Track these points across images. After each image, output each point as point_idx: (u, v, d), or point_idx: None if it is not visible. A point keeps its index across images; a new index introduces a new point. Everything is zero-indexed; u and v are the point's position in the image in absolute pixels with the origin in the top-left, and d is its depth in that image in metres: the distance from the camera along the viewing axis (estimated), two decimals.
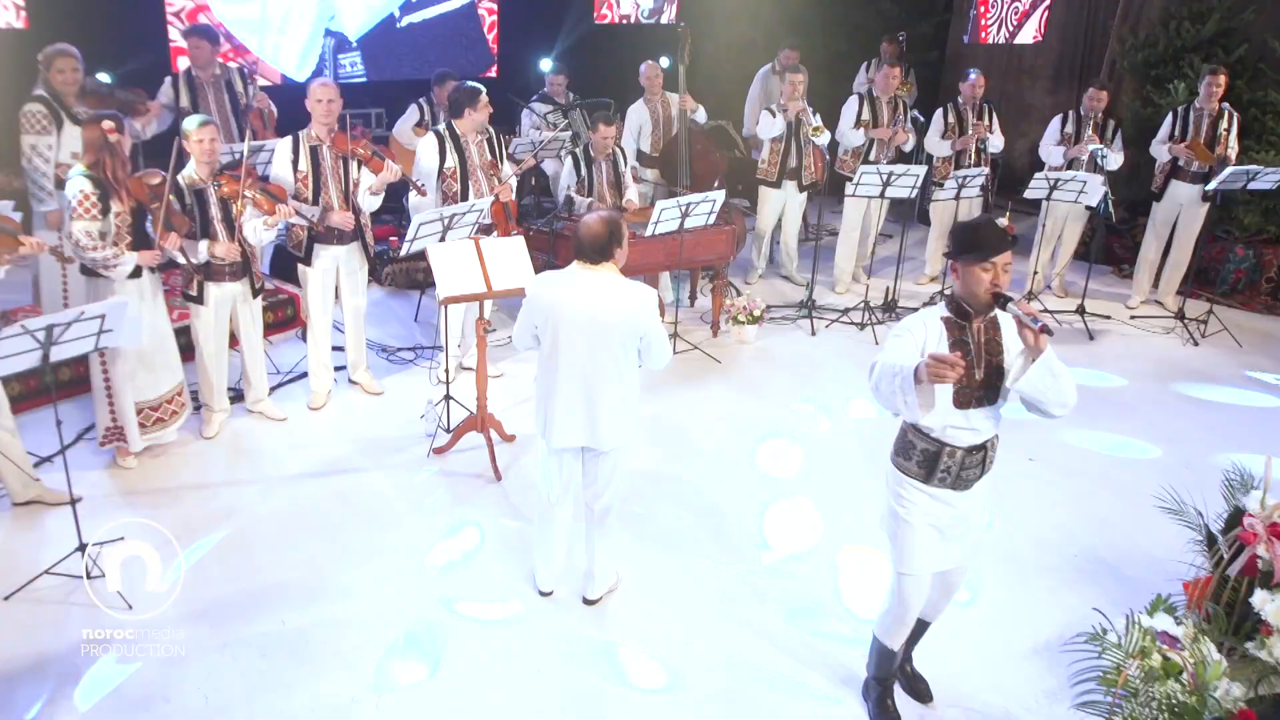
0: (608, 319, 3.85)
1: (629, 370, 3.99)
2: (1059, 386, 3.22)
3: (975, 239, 3.26)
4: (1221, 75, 7.43)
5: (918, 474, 3.43)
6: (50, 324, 3.91)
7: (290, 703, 3.77)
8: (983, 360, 3.34)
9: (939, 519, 3.47)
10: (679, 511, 5.13)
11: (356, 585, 4.45)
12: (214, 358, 5.48)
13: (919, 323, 3.35)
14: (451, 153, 5.85)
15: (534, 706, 3.82)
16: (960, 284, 3.31)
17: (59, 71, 5.73)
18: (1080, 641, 3.31)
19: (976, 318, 3.33)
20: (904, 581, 3.57)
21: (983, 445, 3.42)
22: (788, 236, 8.29)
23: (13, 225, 4.39)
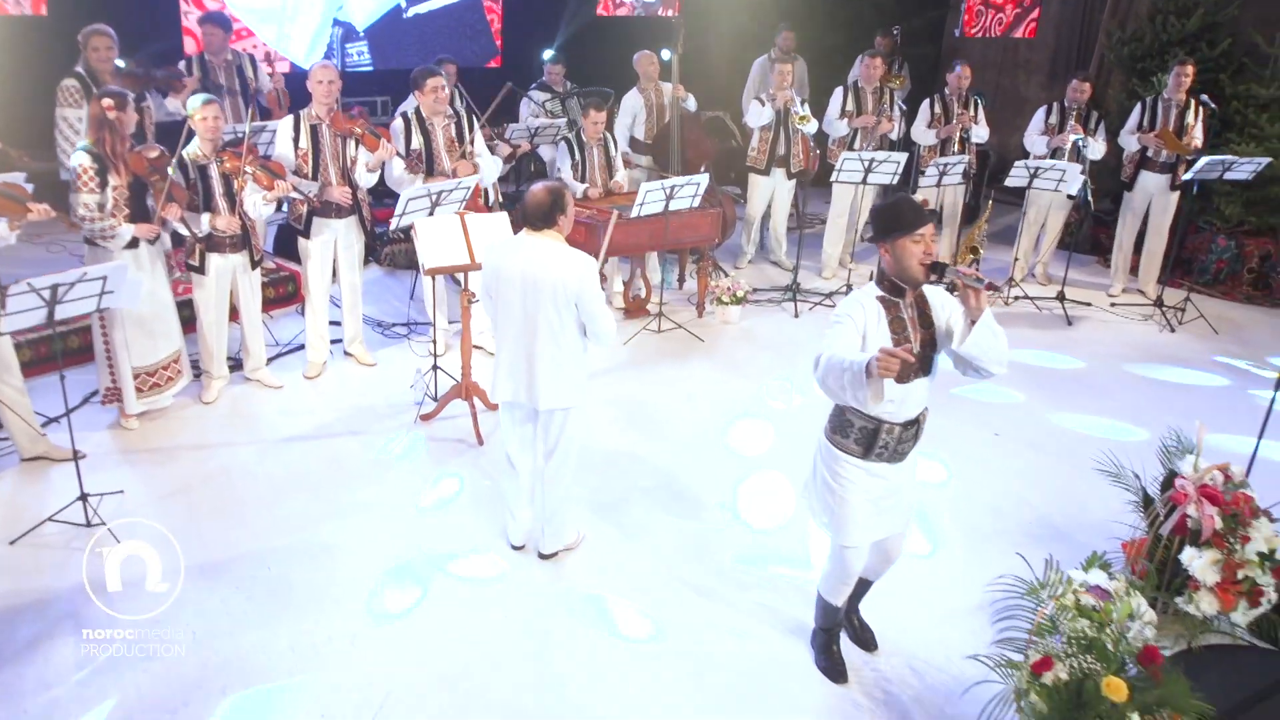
0: (541, 282, 4.06)
1: (567, 335, 4.18)
2: (998, 345, 3.40)
3: (899, 217, 3.43)
4: (1189, 66, 7.61)
5: (855, 450, 3.59)
6: (55, 283, 4.19)
7: (273, 640, 4.03)
8: (917, 333, 3.52)
9: (874, 491, 3.64)
10: (650, 478, 5.38)
11: (340, 537, 4.72)
12: (214, 326, 5.77)
13: (857, 305, 3.49)
14: (417, 134, 6.12)
15: (499, 650, 4.07)
16: (891, 263, 3.46)
17: (94, 50, 6.13)
18: (1004, 582, 3.53)
19: (909, 294, 3.53)
20: (845, 554, 3.76)
21: (916, 419, 3.62)
22: (776, 223, 8.52)
23: (21, 193, 4.68)
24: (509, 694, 3.83)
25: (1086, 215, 9.60)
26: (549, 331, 4.15)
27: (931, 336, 3.53)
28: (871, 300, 3.49)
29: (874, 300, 3.49)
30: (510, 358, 4.23)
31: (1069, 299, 8.05)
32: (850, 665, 4.03)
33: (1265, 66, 8.39)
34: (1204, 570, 4.07)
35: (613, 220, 5.90)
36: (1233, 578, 4.06)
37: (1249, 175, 7.42)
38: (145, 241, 5.26)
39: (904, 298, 3.50)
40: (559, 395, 4.28)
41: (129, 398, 5.45)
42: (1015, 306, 8.08)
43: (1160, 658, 3.25)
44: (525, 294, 4.10)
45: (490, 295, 4.23)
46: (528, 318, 4.14)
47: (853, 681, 3.97)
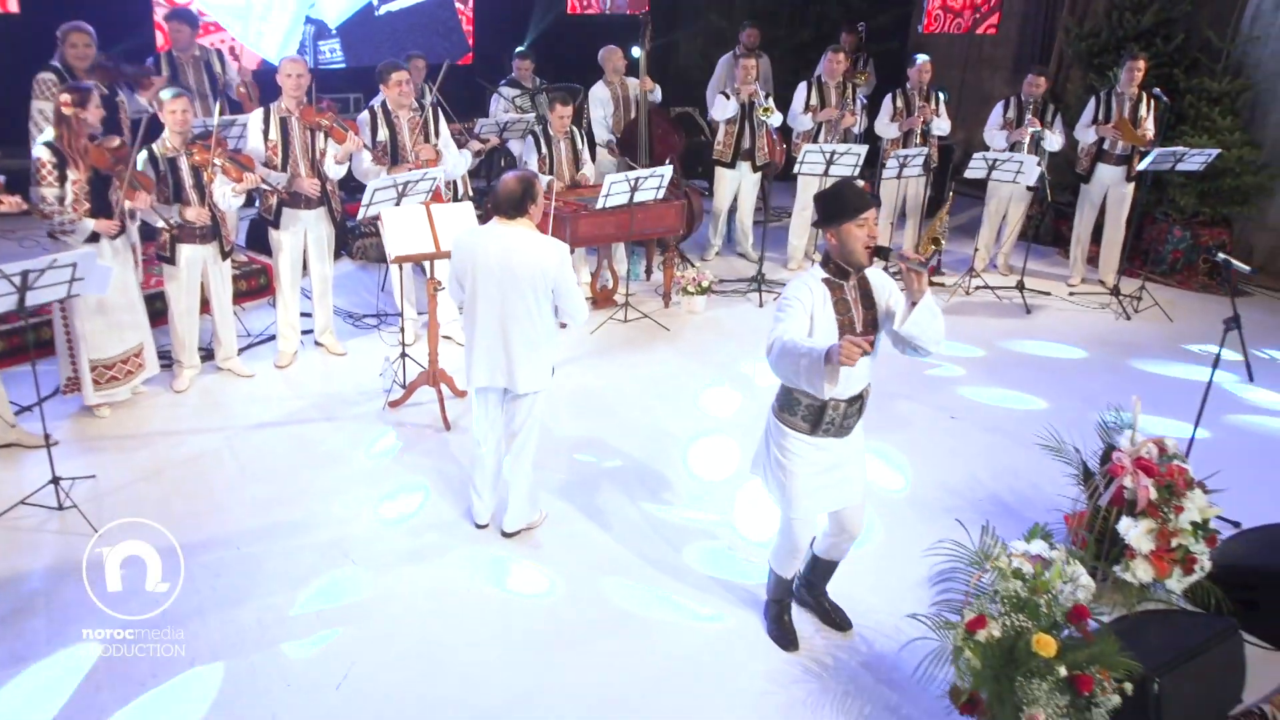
0: (519, 269, 4.21)
1: (542, 319, 4.34)
2: (935, 324, 3.58)
3: (843, 202, 3.58)
4: (1141, 60, 7.81)
5: (803, 427, 3.74)
6: (25, 269, 4.28)
7: (239, 613, 4.15)
8: (860, 313, 3.67)
9: (821, 464, 3.78)
10: (612, 459, 5.52)
11: (308, 518, 4.83)
12: (185, 315, 5.86)
13: (804, 288, 3.63)
14: (383, 126, 6.25)
15: (461, 624, 4.20)
16: (836, 247, 3.62)
17: (72, 46, 6.21)
18: (943, 548, 3.69)
19: (853, 276, 3.67)
20: (793, 525, 3.90)
21: (860, 394, 3.76)
22: (743, 215, 8.67)
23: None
24: (470, 666, 3.95)
25: (1048, 208, 9.82)
26: (527, 317, 4.29)
27: (873, 317, 3.68)
28: (817, 283, 3.63)
29: (819, 283, 3.63)
30: (487, 344, 4.35)
31: (1029, 289, 8.23)
32: (801, 634, 4.18)
33: (1218, 62, 8.60)
34: (1139, 539, 4.24)
35: (552, 190, 6.04)
36: (1167, 546, 4.24)
37: (1200, 166, 7.62)
38: (107, 237, 5.32)
39: (848, 279, 3.65)
40: (535, 378, 4.43)
41: (86, 389, 5.53)
42: (975, 295, 8.26)
43: (1088, 615, 3.41)
44: (503, 281, 4.23)
45: (461, 283, 4.34)
46: (505, 304, 4.26)
47: (803, 649, 4.12)
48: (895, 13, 10.91)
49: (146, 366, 5.83)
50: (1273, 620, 4.36)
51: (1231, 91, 8.49)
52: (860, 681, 4.00)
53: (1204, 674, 3.80)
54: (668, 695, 3.86)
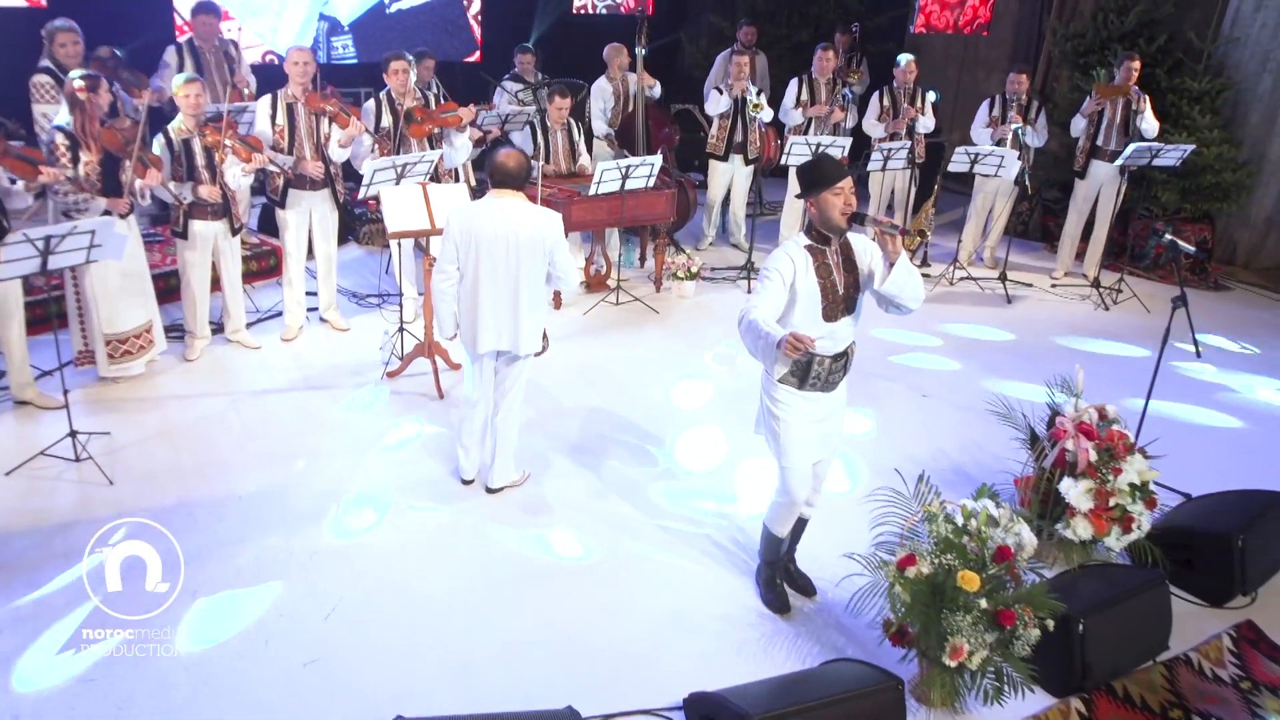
0: (522, 236, 4.55)
1: (541, 285, 4.70)
2: (913, 282, 3.85)
3: (821, 173, 3.86)
4: (1136, 60, 8.05)
5: (792, 381, 4.01)
6: (48, 235, 4.63)
7: (240, 554, 4.49)
8: (842, 276, 3.95)
9: (810, 415, 4.06)
10: (600, 428, 5.83)
11: (306, 473, 5.17)
12: (198, 288, 6.22)
13: (785, 259, 3.89)
14: (387, 113, 6.59)
15: (444, 566, 4.53)
16: (817, 215, 3.90)
17: (61, 45, 6.48)
18: (881, 494, 3.99)
19: (834, 241, 3.97)
20: (788, 474, 4.16)
21: (844, 352, 4.04)
22: (736, 207, 8.98)
23: (35, 155, 5.15)
24: (450, 601, 4.28)
25: (1037, 204, 10.08)
26: (529, 281, 4.64)
27: (855, 279, 3.96)
28: (799, 250, 3.90)
29: (802, 250, 3.90)
30: (493, 310, 4.66)
31: (1013, 280, 8.50)
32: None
33: (1199, 62, 8.86)
34: (1079, 498, 4.51)
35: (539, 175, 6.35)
36: (1105, 505, 4.51)
37: (1176, 162, 7.87)
38: (118, 215, 5.65)
39: (829, 245, 3.92)
40: (534, 340, 4.79)
41: (101, 360, 5.87)
42: (959, 286, 8.54)
43: (1011, 555, 3.69)
44: (508, 250, 4.56)
45: (461, 254, 4.63)
46: (510, 272, 4.60)
47: (756, 599, 4.40)
48: (891, 14, 11.19)
49: (156, 343, 6.17)
50: (1206, 578, 4.63)
51: (1211, 91, 8.74)
52: (811, 623, 4.30)
53: (1129, 618, 4.09)
54: (630, 635, 4.16)
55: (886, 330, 7.38)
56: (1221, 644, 4.35)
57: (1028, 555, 3.89)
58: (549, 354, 6.57)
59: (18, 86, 6.62)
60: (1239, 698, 4.08)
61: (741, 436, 5.63)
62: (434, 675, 3.86)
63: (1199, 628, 4.46)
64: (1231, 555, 4.50)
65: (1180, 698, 4.02)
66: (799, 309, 3.84)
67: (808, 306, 3.85)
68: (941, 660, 3.61)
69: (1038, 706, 3.89)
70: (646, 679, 3.90)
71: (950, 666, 3.61)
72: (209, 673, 3.81)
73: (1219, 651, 4.31)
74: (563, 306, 7.53)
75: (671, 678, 3.87)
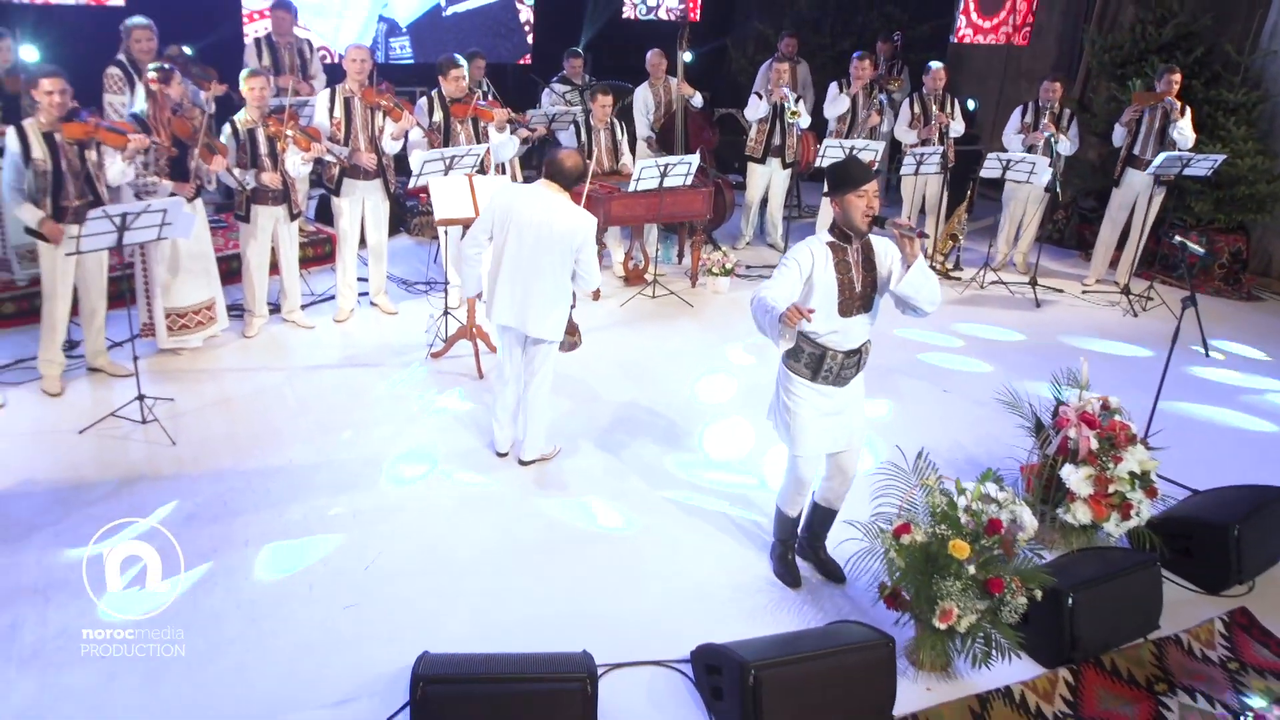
0: (554, 229, 4.87)
1: (563, 278, 5.00)
2: (929, 285, 4.09)
3: (847, 175, 4.10)
4: (1178, 73, 8.18)
5: (805, 373, 4.26)
6: (125, 212, 5.05)
7: (289, 511, 4.86)
8: (860, 275, 4.19)
9: (821, 408, 4.30)
10: (630, 411, 6.15)
11: (352, 443, 5.54)
12: (258, 269, 6.64)
13: (805, 251, 4.14)
14: (438, 110, 6.97)
15: (476, 528, 4.86)
16: (841, 215, 4.14)
17: (136, 41, 6.93)
18: (883, 470, 4.25)
19: (856, 240, 4.22)
20: (797, 462, 4.42)
21: (858, 349, 4.28)
22: (773, 209, 9.24)
23: (124, 126, 5.58)
24: (479, 560, 4.61)
25: (1073, 212, 10.22)
26: (551, 272, 4.94)
27: (874, 279, 4.19)
28: (821, 245, 4.14)
29: (823, 245, 4.14)
30: (510, 287, 4.99)
31: (1044, 285, 8.66)
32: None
33: (1237, 74, 8.96)
34: (1079, 484, 4.73)
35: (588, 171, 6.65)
36: (1104, 491, 4.72)
37: (1207, 171, 8.00)
38: (185, 198, 6.06)
39: (851, 244, 4.15)
40: (547, 328, 5.07)
41: (160, 332, 6.30)
42: (989, 290, 8.72)
43: (1001, 527, 3.93)
44: (538, 237, 4.88)
45: (496, 229, 4.96)
46: (533, 257, 4.92)
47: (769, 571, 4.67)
48: (934, 24, 11.38)
49: (217, 320, 6.59)
50: (1203, 566, 4.82)
51: (1248, 103, 8.84)
52: (817, 593, 4.56)
53: (1119, 596, 4.30)
54: (645, 598, 4.45)
55: (913, 331, 7.59)
56: (1213, 627, 4.53)
57: (1028, 536, 4.11)
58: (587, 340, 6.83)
59: (92, 79, 7.10)
60: (1225, 677, 4.27)
61: (763, 424, 5.89)
62: (461, 624, 4.17)
63: (1195, 613, 4.65)
64: (1228, 544, 4.69)
65: (1167, 674, 4.22)
66: (815, 301, 4.06)
67: (824, 300, 4.08)
68: (932, 623, 3.85)
69: (1027, 674, 4.12)
70: (659, 635, 4.18)
71: (940, 629, 3.85)
72: (258, 611, 4.17)
73: (1210, 634, 4.49)
74: (601, 298, 7.85)
75: (682, 635, 4.15)
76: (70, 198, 5.48)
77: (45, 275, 5.72)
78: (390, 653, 3.92)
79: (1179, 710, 4.04)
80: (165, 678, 3.77)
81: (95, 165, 5.57)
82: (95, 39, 7.84)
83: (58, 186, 5.43)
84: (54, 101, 5.28)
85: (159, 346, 6.31)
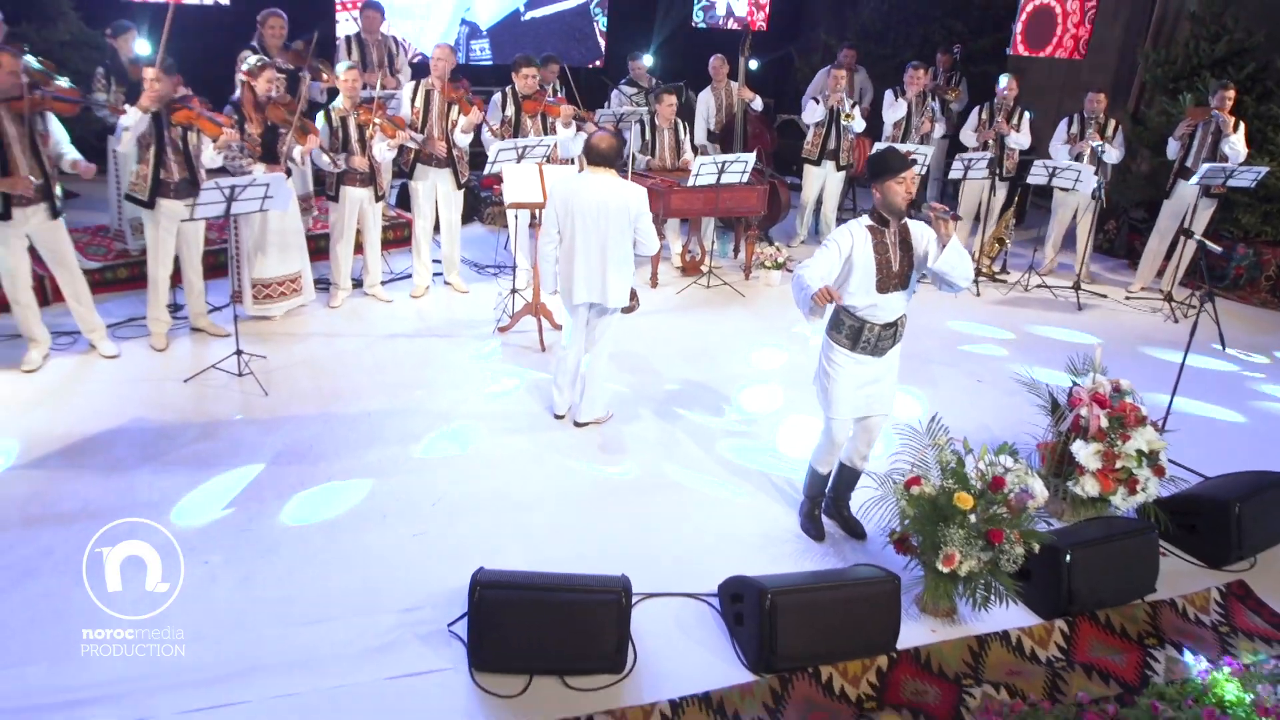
0: (613, 205, 5.40)
1: (627, 247, 5.53)
2: (964, 262, 4.52)
3: (887, 164, 4.52)
4: (1232, 90, 8.43)
5: (845, 343, 4.70)
6: (233, 184, 5.69)
7: (366, 455, 5.43)
8: (898, 254, 4.63)
9: (859, 377, 4.73)
10: (681, 385, 6.63)
11: (424, 398, 6.12)
12: (344, 245, 7.28)
13: (845, 234, 4.57)
14: (510, 105, 7.54)
15: (533, 479, 5.38)
16: (880, 199, 4.57)
17: (270, 29, 7.70)
18: (900, 427, 4.67)
19: (894, 223, 4.66)
20: (832, 424, 4.87)
21: (894, 322, 4.70)
22: (827, 209, 9.67)
23: (222, 119, 6.22)
24: (534, 505, 5.12)
25: (1124, 222, 10.46)
26: (616, 244, 5.47)
27: (910, 259, 4.61)
28: (861, 229, 4.57)
29: (863, 228, 4.57)
30: (586, 269, 5.51)
31: (1087, 289, 8.95)
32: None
33: None
34: (1088, 458, 5.09)
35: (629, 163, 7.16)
36: (1112, 466, 5.07)
37: (1251, 182, 8.24)
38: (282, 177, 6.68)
39: (889, 227, 4.58)
40: (621, 295, 5.61)
41: (246, 300, 6.95)
42: (1033, 292, 9.03)
43: (1003, 484, 4.32)
44: (599, 215, 5.41)
45: (561, 221, 5.48)
46: (601, 236, 5.44)
47: (797, 525, 5.12)
48: (994, 37, 11.70)
49: (303, 292, 7.22)
50: (1207, 542, 5.13)
51: None
52: (838, 545, 4.99)
53: (1116, 557, 4.66)
54: (682, 542, 4.91)
55: (956, 323, 7.96)
56: (1209, 595, 4.85)
57: (1037, 504, 4.47)
58: (644, 322, 7.41)
59: (223, 65, 7.91)
60: (1215, 638, 4.59)
61: (800, 400, 6.35)
62: (515, 554, 4.66)
63: (1194, 584, 4.95)
64: (1229, 520, 5.00)
65: (1158, 630, 4.57)
66: (854, 279, 4.51)
67: (863, 278, 4.52)
68: (936, 566, 4.26)
69: (1026, 623, 4.50)
70: (691, 573, 4.64)
71: (944, 572, 4.26)
72: (338, 532, 4.75)
73: (1205, 600, 4.81)
74: (658, 285, 8.35)
75: (712, 573, 4.58)
76: (171, 173, 6.12)
77: (149, 243, 6.40)
78: (451, 572, 4.42)
79: (1165, 661, 4.38)
80: (258, 582, 4.36)
81: (195, 147, 6.21)
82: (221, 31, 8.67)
83: (159, 162, 6.08)
84: (153, 87, 5.92)
85: (245, 313, 6.96)
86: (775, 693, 3.97)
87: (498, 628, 3.87)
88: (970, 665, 4.23)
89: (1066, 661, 4.33)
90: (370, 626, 4.14)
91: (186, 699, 3.69)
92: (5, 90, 5.43)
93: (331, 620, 4.16)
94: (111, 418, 5.61)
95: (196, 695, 3.71)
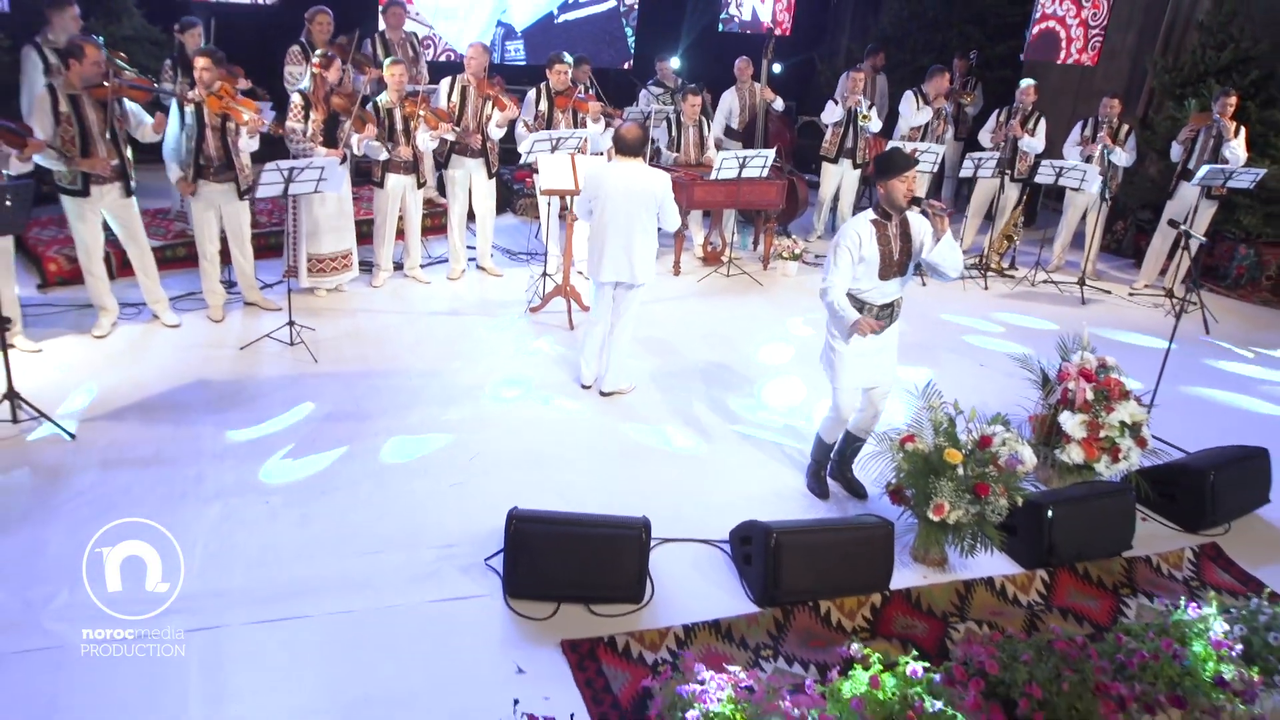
0: (638, 190, 5.88)
1: (651, 226, 6.01)
2: (954, 255, 5.00)
3: (891, 163, 4.99)
4: (1234, 96, 8.81)
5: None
6: (291, 167, 6.20)
7: (408, 416, 5.92)
8: (898, 245, 5.10)
9: (861, 347, 5.17)
10: (700, 363, 7.09)
11: (460, 368, 6.61)
12: (387, 229, 7.78)
13: (853, 231, 5.03)
14: (544, 99, 8.04)
15: (561, 438, 5.85)
16: (885, 196, 5.03)
17: (318, 24, 8.22)
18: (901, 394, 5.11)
19: (896, 217, 5.12)
20: (839, 394, 5.31)
21: (890, 304, 5.19)
22: (844, 206, 10.10)
23: (248, 105, 6.62)
24: (561, 463, 5.58)
25: (1131, 223, 10.83)
26: (641, 224, 5.97)
27: (909, 249, 5.08)
28: (865, 223, 5.03)
29: (868, 223, 5.03)
30: (614, 249, 6.00)
31: (1093, 286, 9.33)
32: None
33: None
34: (1074, 428, 5.50)
35: (652, 157, 7.62)
36: (1096, 435, 5.49)
37: (1250, 184, 8.61)
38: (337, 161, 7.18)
39: (891, 220, 5.04)
40: (647, 272, 6.10)
41: (302, 274, 7.44)
42: (1039, 288, 9.43)
43: (990, 442, 4.75)
44: (627, 201, 5.90)
45: (591, 204, 5.99)
46: (628, 218, 5.93)
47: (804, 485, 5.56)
48: (1010, 43, 12.09)
49: (351, 268, 7.73)
50: (1185, 508, 5.53)
51: None
52: (842, 504, 5.44)
53: (1094, 515, 5.07)
54: (698, 498, 5.36)
55: (963, 316, 8.38)
56: (1183, 554, 5.26)
57: (1026, 470, 4.89)
58: (666, 307, 7.87)
59: (271, 56, 8.43)
60: (1185, 590, 4.99)
61: (811, 378, 6.78)
62: (543, 504, 5.12)
63: (1170, 545, 5.36)
64: (1205, 488, 5.40)
65: (1132, 582, 4.98)
66: (861, 268, 4.99)
67: (868, 268, 4.99)
68: (927, 515, 4.69)
69: (1009, 572, 4.92)
70: (707, 523, 5.10)
71: (934, 521, 4.69)
72: (384, 480, 5.24)
73: (1179, 558, 5.22)
74: (681, 274, 8.82)
75: (725, 525, 5.02)
76: (210, 157, 6.63)
77: (194, 221, 6.95)
78: (487, 516, 4.88)
79: (1136, 608, 4.79)
80: (315, 520, 4.85)
81: (233, 133, 6.71)
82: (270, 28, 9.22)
83: (199, 148, 6.59)
84: (203, 77, 6.42)
85: (300, 285, 7.46)
86: (778, 622, 4.41)
87: (530, 558, 4.34)
88: (957, 605, 4.66)
89: (1045, 605, 4.75)
90: (415, 559, 4.62)
91: (253, 613, 4.17)
92: (89, 79, 5.96)
93: (380, 553, 4.64)
94: (176, 378, 6.14)
95: (262, 609, 4.19)
